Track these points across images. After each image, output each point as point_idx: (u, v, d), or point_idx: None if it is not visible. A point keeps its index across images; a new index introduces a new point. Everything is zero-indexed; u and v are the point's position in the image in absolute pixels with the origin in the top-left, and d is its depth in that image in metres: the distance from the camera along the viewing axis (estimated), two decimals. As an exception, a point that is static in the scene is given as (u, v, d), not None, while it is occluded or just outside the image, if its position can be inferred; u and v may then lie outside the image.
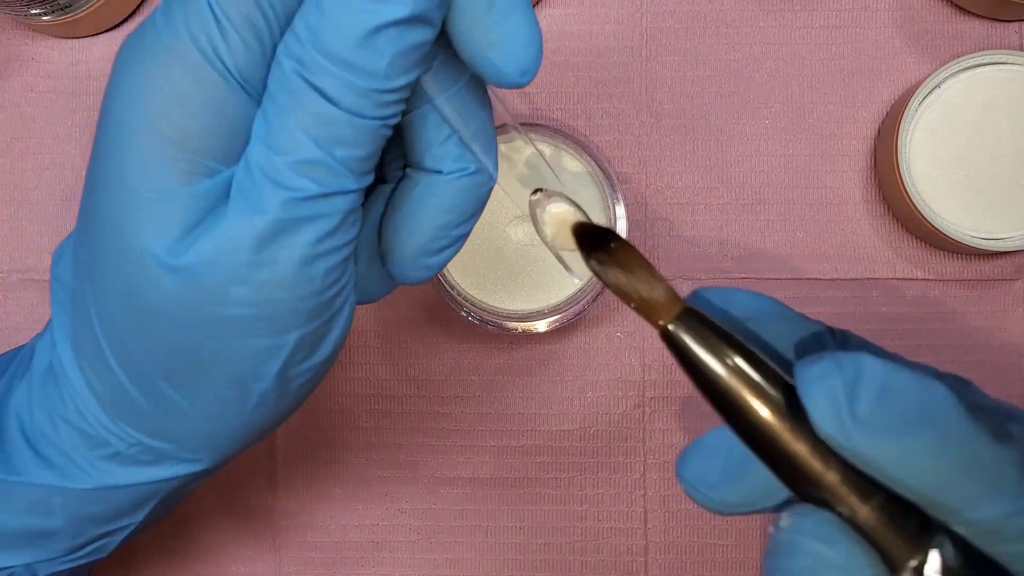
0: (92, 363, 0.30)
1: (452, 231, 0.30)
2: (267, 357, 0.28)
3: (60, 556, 0.34)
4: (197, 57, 0.25)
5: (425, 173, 0.30)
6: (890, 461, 0.22)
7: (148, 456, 0.32)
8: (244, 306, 0.27)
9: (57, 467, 0.32)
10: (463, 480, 0.51)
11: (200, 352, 0.28)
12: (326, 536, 0.51)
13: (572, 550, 0.51)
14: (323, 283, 0.27)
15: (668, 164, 0.51)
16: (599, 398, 0.51)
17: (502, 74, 0.26)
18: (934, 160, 0.47)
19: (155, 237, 0.27)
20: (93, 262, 0.28)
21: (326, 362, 0.30)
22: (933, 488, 0.22)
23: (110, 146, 0.27)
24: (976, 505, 0.22)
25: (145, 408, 0.30)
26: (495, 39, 0.26)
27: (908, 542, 0.23)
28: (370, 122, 0.26)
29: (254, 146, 0.26)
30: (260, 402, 0.30)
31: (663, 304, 0.26)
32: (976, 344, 0.50)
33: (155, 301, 0.27)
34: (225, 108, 0.26)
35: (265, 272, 0.27)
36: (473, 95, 0.29)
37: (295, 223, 0.26)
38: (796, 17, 0.51)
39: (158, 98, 0.26)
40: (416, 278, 0.31)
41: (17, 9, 0.47)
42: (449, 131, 0.29)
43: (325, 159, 0.26)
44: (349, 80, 0.25)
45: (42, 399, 0.32)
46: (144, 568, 0.51)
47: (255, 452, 0.51)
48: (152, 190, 0.26)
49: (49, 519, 0.33)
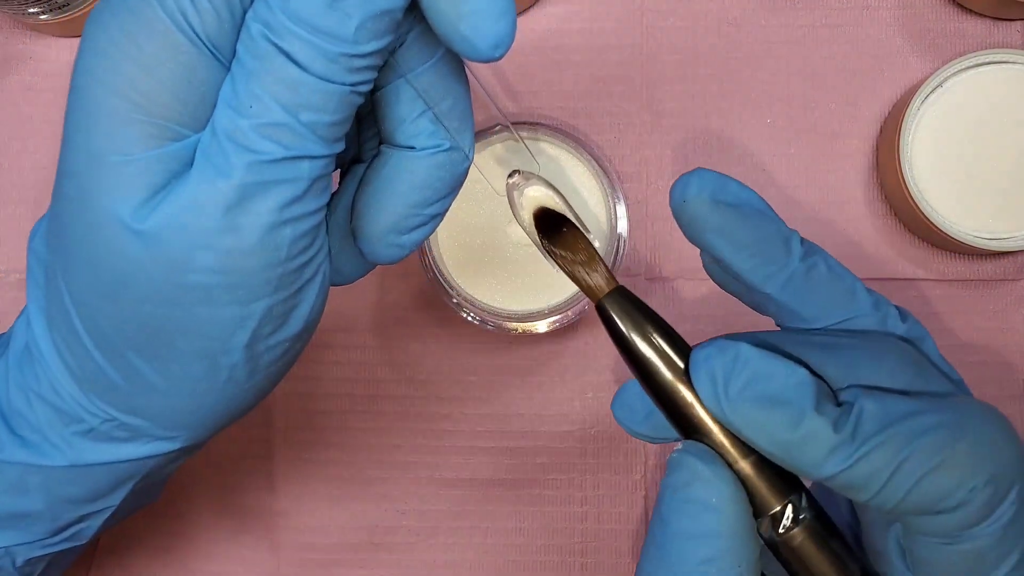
0: (64, 336, 0.30)
1: (425, 209, 0.30)
2: (235, 327, 0.28)
3: (39, 540, 0.34)
4: (165, 22, 0.25)
5: (397, 149, 0.30)
6: (752, 431, 0.28)
7: (122, 433, 0.32)
8: (210, 273, 0.27)
9: (32, 444, 0.32)
10: (462, 481, 0.51)
11: (168, 322, 0.28)
12: (324, 537, 0.51)
13: (572, 551, 0.50)
14: (290, 251, 0.27)
15: (669, 163, 0.50)
16: (599, 399, 0.50)
17: (474, 47, 0.26)
18: (936, 160, 0.47)
19: (120, 201, 0.26)
20: (62, 231, 0.28)
21: (297, 337, 0.30)
22: (785, 455, 0.27)
23: (76, 112, 0.27)
24: (816, 469, 0.27)
25: (117, 382, 0.30)
26: (466, 11, 0.26)
27: (774, 494, 0.28)
28: (338, 87, 0.26)
29: (220, 110, 0.26)
30: (231, 376, 0.30)
31: (600, 284, 0.30)
32: (978, 344, 0.50)
33: (122, 268, 0.27)
34: (194, 73, 0.26)
35: (231, 238, 0.26)
36: (448, 70, 0.29)
37: (260, 187, 0.26)
38: (798, 16, 0.50)
39: (124, 62, 0.26)
40: (387, 257, 0.31)
41: (15, 8, 0.47)
42: (423, 107, 0.29)
43: (290, 122, 0.26)
44: (317, 44, 0.25)
45: (18, 377, 0.32)
46: (142, 568, 0.51)
47: (253, 453, 0.51)
48: (117, 153, 0.26)
49: (26, 499, 0.33)
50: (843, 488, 0.28)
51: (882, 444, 0.27)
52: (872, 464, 0.27)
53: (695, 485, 0.28)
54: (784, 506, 0.29)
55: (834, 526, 0.29)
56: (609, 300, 0.30)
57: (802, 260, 0.31)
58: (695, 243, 0.31)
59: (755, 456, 0.29)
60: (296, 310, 0.29)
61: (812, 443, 0.27)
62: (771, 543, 0.29)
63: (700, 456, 0.29)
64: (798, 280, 0.31)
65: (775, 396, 0.27)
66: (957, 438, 0.27)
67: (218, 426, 0.32)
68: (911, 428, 0.27)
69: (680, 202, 0.31)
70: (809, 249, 0.31)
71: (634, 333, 0.29)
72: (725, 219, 0.30)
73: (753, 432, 0.28)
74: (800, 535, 0.29)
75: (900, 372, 0.29)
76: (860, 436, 0.27)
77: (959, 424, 0.28)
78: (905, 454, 0.27)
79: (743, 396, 0.27)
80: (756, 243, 0.31)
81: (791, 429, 0.27)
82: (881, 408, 0.27)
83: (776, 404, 0.27)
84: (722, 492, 0.28)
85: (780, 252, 0.31)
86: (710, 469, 0.28)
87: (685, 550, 0.28)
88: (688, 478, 0.28)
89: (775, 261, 0.31)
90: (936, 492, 0.27)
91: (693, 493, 0.28)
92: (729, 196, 0.31)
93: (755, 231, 0.31)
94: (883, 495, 0.27)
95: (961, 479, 0.27)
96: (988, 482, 0.27)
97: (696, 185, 0.31)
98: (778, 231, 0.31)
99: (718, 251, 0.31)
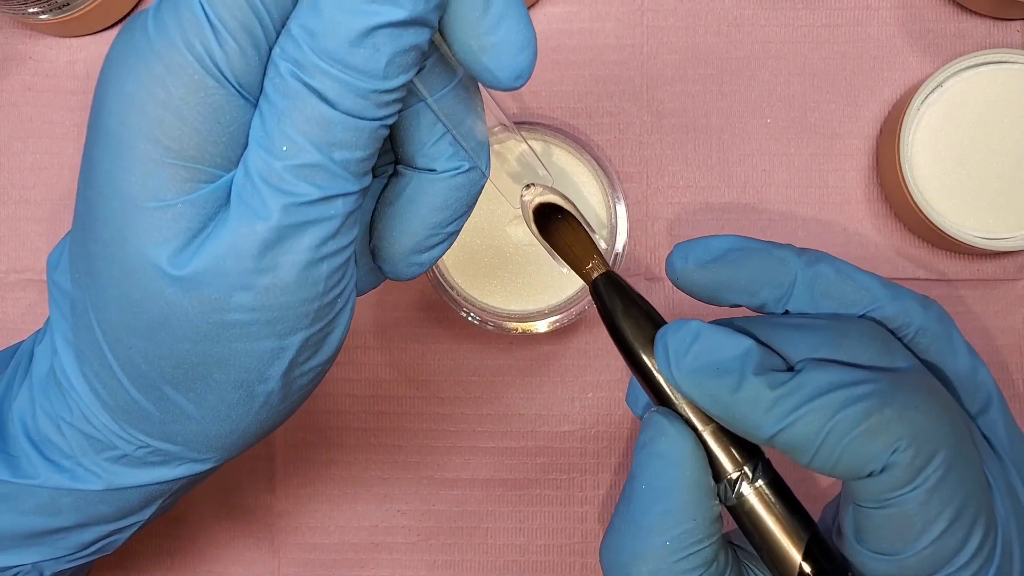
0: (97, 372, 0.30)
1: (444, 228, 0.31)
2: (272, 359, 0.28)
3: (67, 555, 0.34)
4: (192, 64, 0.25)
5: (418, 171, 0.30)
6: (700, 397, 0.30)
7: (156, 458, 0.32)
8: (248, 311, 0.27)
9: (66, 470, 0.32)
10: (462, 481, 0.51)
11: (206, 358, 0.28)
12: (325, 537, 0.51)
13: (572, 552, 0.50)
14: (326, 285, 0.27)
15: (669, 163, 0.50)
16: (599, 399, 0.50)
17: (496, 79, 0.27)
18: (936, 159, 0.47)
19: (157, 247, 0.26)
20: (93, 273, 0.28)
21: (329, 361, 0.30)
22: (729, 417, 0.30)
23: (105, 156, 0.26)
24: (757, 430, 0.29)
25: (152, 413, 0.30)
26: (489, 44, 0.26)
27: (731, 460, 0.31)
28: (369, 123, 0.26)
29: (252, 151, 0.26)
30: (266, 403, 0.30)
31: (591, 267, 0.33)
32: (977, 344, 0.50)
33: (159, 312, 0.27)
34: (222, 114, 0.26)
35: (268, 277, 0.26)
36: (466, 94, 0.29)
37: (297, 228, 0.26)
38: (798, 16, 0.50)
39: (153, 106, 0.25)
40: (408, 275, 0.32)
41: (15, 8, 0.47)
42: (442, 130, 0.29)
43: (324, 162, 0.26)
44: (347, 81, 0.25)
45: (45, 404, 0.32)
46: (143, 570, 0.51)
47: (254, 454, 0.51)
48: (152, 200, 0.26)
49: (57, 519, 0.33)
50: (786, 450, 0.29)
51: (817, 408, 0.29)
52: (807, 426, 0.29)
53: (660, 440, 0.31)
54: (740, 471, 0.31)
55: (789, 494, 0.31)
56: (599, 281, 0.33)
57: (805, 271, 0.32)
58: (709, 303, 0.33)
59: (715, 425, 0.31)
60: (330, 336, 0.29)
61: (751, 404, 0.29)
62: (731, 509, 0.31)
63: (666, 415, 0.31)
64: (806, 291, 0.32)
65: (720, 363, 0.30)
66: (885, 404, 0.29)
67: (248, 445, 0.32)
68: (847, 394, 0.29)
69: (676, 279, 0.33)
70: (811, 259, 0.32)
71: (618, 311, 0.32)
72: (718, 275, 0.32)
73: (701, 397, 0.30)
74: (752, 499, 0.31)
75: (862, 349, 0.30)
76: (796, 399, 0.29)
77: (891, 392, 0.29)
78: (837, 417, 0.28)
79: (692, 365, 0.30)
80: (755, 279, 0.32)
81: (732, 391, 0.29)
82: (823, 376, 0.29)
83: (720, 371, 0.29)
84: (683, 448, 0.30)
85: (780, 274, 0.32)
86: (673, 426, 0.31)
87: (648, 502, 0.31)
88: (654, 434, 0.31)
89: (780, 285, 0.32)
90: (863, 454, 0.28)
91: (657, 448, 0.31)
92: (711, 252, 0.33)
93: (748, 270, 0.32)
94: (819, 457, 0.29)
95: (885, 441, 0.28)
96: (910, 444, 0.28)
97: (679, 259, 0.33)
98: (769, 257, 0.32)
99: (730, 301, 0.33)
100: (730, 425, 0.30)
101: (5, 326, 0.51)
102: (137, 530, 0.35)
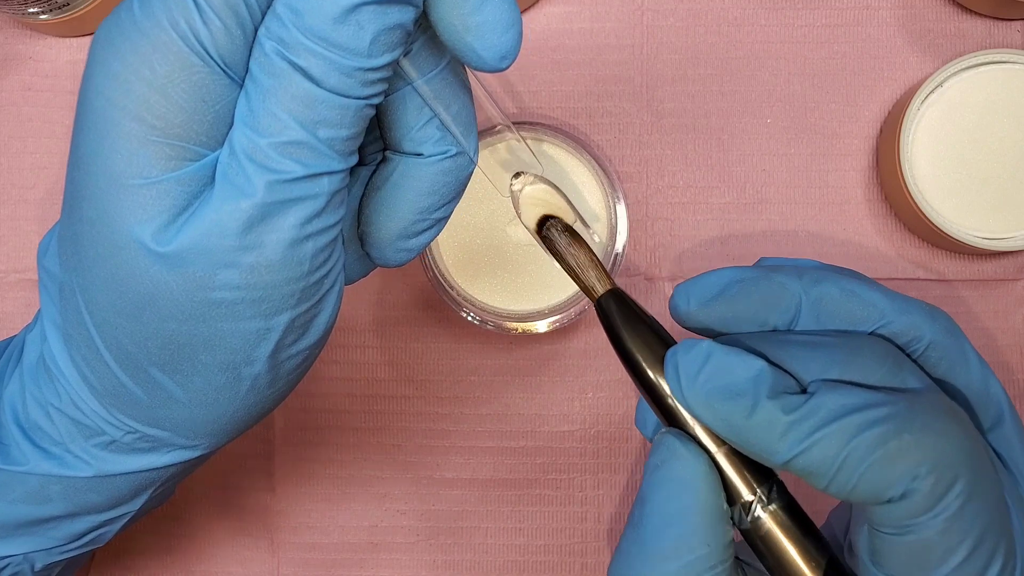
0: (84, 355, 0.30)
1: (432, 214, 0.31)
2: (258, 340, 0.28)
3: (58, 545, 0.34)
4: (177, 42, 0.25)
5: (405, 156, 0.30)
6: (712, 420, 0.29)
7: (145, 444, 0.32)
8: (233, 290, 0.27)
9: (55, 456, 0.32)
10: (462, 481, 0.51)
11: (192, 338, 0.28)
12: (324, 537, 0.51)
13: (572, 552, 0.50)
14: (312, 264, 0.27)
15: (669, 163, 0.50)
16: (599, 399, 0.50)
17: (481, 59, 0.26)
18: (936, 159, 0.47)
19: (142, 224, 0.26)
20: (79, 252, 0.28)
21: (317, 344, 0.30)
22: (743, 441, 0.29)
23: (91, 134, 0.27)
24: (771, 455, 0.29)
25: (140, 397, 0.30)
26: (473, 24, 0.26)
27: (745, 483, 0.30)
28: (354, 102, 0.26)
29: (237, 129, 0.26)
30: (253, 386, 0.30)
31: (597, 285, 0.33)
32: (977, 344, 0.49)
33: (144, 290, 0.27)
34: (207, 92, 0.26)
35: (253, 255, 0.26)
36: (453, 77, 0.29)
37: (281, 205, 0.26)
38: (798, 15, 0.50)
39: (138, 84, 0.26)
40: (395, 260, 0.32)
41: (15, 8, 0.47)
42: (429, 114, 0.29)
43: (309, 140, 0.26)
44: (332, 59, 0.25)
45: (34, 390, 0.32)
46: (142, 568, 0.51)
47: (253, 452, 0.51)
48: (137, 177, 0.26)
49: (47, 508, 0.33)
50: (802, 474, 0.29)
51: (833, 432, 0.28)
52: (823, 451, 0.28)
53: (672, 463, 0.30)
54: (754, 495, 0.30)
55: (805, 518, 0.30)
56: (605, 299, 0.32)
57: (808, 294, 0.31)
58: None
59: (727, 447, 0.30)
60: (317, 319, 0.29)
61: (766, 429, 0.28)
62: (745, 533, 0.30)
63: (678, 436, 0.30)
64: (811, 314, 0.32)
65: (732, 386, 0.29)
66: (904, 429, 0.28)
67: (238, 432, 0.32)
68: (863, 418, 0.28)
69: (682, 322, 0.33)
70: (813, 280, 0.32)
71: (624, 330, 0.31)
72: (723, 312, 0.32)
73: (713, 420, 0.29)
74: (768, 523, 0.30)
75: (873, 369, 0.30)
76: (812, 423, 0.28)
77: (909, 416, 0.28)
78: (855, 442, 0.28)
79: (704, 387, 0.29)
80: (759, 309, 0.32)
81: (746, 416, 0.28)
82: (838, 399, 0.28)
83: (733, 394, 0.29)
84: (697, 470, 0.30)
85: (783, 300, 0.32)
86: (686, 448, 0.30)
87: (660, 526, 0.30)
88: (667, 455, 0.30)
89: (786, 310, 0.32)
90: (882, 480, 0.28)
91: (671, 470, 0.30)
92: (711, 289, 0.32)
93: (751, 302, 0.32)
94: (837, 483, 0.28)
95: (905, 468, 0.28)
96: (931, 471, 0.28)
97: (682, 302, 0.32)
98: (769, 285, 0.32)
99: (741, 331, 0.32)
100: (744, 449, 0.29)
101: (5, 325, 0.51)
102: (128, 522, 0.35)
